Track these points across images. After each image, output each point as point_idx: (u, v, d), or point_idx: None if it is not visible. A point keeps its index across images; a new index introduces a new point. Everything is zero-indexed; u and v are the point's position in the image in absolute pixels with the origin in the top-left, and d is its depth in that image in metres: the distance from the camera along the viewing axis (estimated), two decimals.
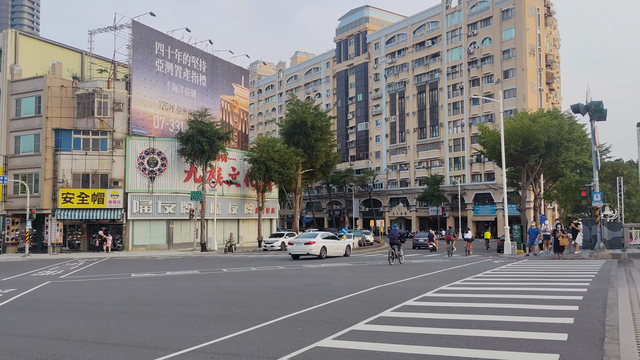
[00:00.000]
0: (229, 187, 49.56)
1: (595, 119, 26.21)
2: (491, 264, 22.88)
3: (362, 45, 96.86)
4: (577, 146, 45.42)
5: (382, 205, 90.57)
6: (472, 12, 78.98)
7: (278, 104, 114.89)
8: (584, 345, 6.72)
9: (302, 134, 52.58)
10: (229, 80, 55.47)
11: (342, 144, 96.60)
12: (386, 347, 6.94)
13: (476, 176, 78.10)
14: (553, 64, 78.60)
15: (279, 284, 15.17)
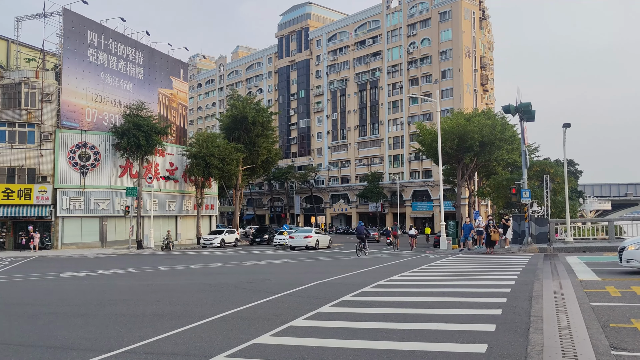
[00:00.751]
0: (166, 183, 48.29)
1: (525, 119, 27.53)
2: (427, 258, 23.55)
3: (304, 42, 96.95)
4: (509, 145, 47.45)
5: (324, 202, 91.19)
6: (412, 13, 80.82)
7: (218, 98, 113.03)
8: (510, 335, 7.03)
9: (242, 130, 52.00)
10: (167, 73, 53.96)
11: (283, 140, 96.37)
12: (323, 342, 6.98)
13: (414, 173, 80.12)
14: (487, 66, 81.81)
15: (218, 282, 14.94)
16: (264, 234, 49.64)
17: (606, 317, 7.86)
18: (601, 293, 10.32)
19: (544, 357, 5.78)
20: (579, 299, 9.51)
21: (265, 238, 48.60)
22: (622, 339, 6.46)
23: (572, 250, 24.33)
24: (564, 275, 13.68)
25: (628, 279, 12.21)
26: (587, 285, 11.60)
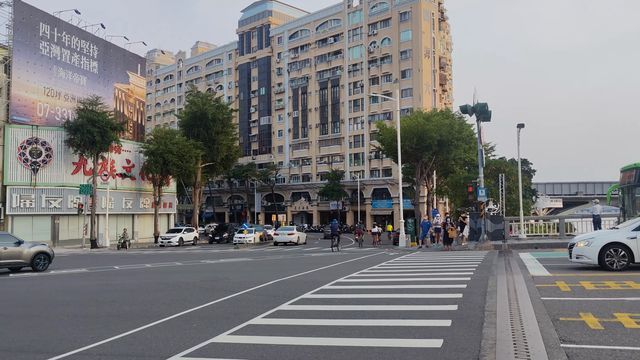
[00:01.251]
0: (123, 181, 47.13)
1: (481, 119, 28.15)
2: (387, 256, 23.82)
3: (265, 39, 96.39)
4: (466, 145, 48.57)
5: (285, 200, 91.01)
6: (373, 13, 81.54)
7: (177, 94, 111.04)
8: (465, 329, 7.19)
9: (202, 127, 51.29)
10: (123, 67, 52.62)
11: (244, 137, 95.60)
12: (282, 340, 6.96)
13: (375, 172, 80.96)
14: (446, 67, 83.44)
15: (176, 281, 14.69)
16: (224, 233, 49.26)
17: (556, 311, 8.14)
18: (552, 288, 10.69)
19: (496, 351, 5.94)
20: (531, 294, 9.82)
21: (225, 236, 48.22)
22: (570, 332, 6.71)
23: (525, 246, 25.10)
24: (517, 271, 14.09)
25: (577, 274, 12.69)
26: (539, 280, 11.99)
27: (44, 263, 20.51)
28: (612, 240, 13.13)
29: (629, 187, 19.20)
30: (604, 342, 6.17)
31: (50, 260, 21.05)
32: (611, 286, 10.45)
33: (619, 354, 5.69)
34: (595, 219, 25.02)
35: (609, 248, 13.04)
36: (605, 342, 6.19)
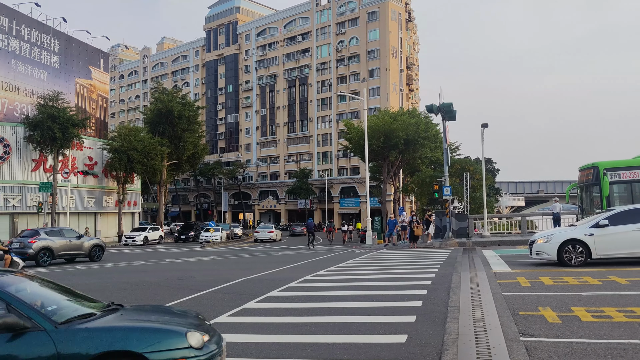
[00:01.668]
0: (85, 178, 45.89)
1: (447, 119, 28.61)
2: (353, 253, 23.98)
3: (233, 36, 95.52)
4: (432, 144, 49.29)
5: (252, 198, 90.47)
6: (341, 12, 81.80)
7: (142, 91, 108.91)
8: (429, 325, 7.31)
9: (168, 124, 50.48)
10: (85, 62, 51.29)
11: (211, 135, 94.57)
12: (248, 337, 6.93)
13: (342, 170, 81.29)
14: (413, 67, 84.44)
15: (139, 280, 14.43)
16: (190, 231, 48.65)
17: (516, 305, 8.35)
18: (512, 284, 10.96)
19: (459, 345, 6.05)
20: (493, 290, 10.04)
21: (191, 235, 47.61)
22: (529, 326, 6.89)
23: (488, 244, 25.63)
24: (480, 267, 14.39)
25: (537, 270, 13.04)
26: (500, 276, 12.27)
27: (99, 254, 23.89)
28: (570, 237, 13.53)
29: (586, 186, 19.81)
30: (561, 335, 6.36)
31: (103, 252, 24.40)
32: (569, 281, 10.78)
33: (575, 346, 5.88)
34: (555, 216, 25.75)
35: (568, 245, 13.44)
36: (562, 335, 6.39)
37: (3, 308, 4.25)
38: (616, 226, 13.12)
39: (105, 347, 4.12)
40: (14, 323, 4.09)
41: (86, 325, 4.35)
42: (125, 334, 4.27)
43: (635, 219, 13.14)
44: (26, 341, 4.11)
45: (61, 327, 4.24)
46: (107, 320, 4.54)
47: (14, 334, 4.11)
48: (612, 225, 13.13)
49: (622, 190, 18.77)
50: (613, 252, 13.22)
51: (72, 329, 4.26)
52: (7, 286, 4.48)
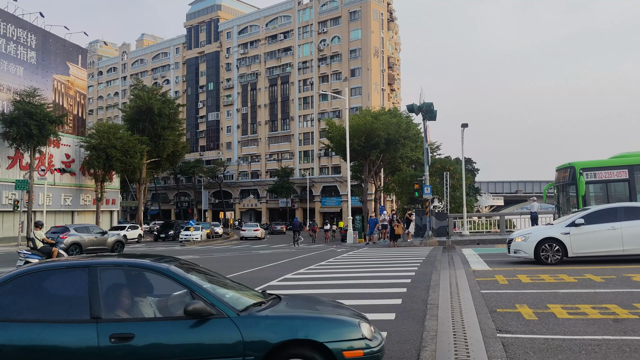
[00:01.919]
0: (62, 176, 45.13)
1: (427, 118, 28.85)
2: (334, 252, 24.02)
3: (214, 34, 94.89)
4: (413, 143, 49.60)
5: (233, 197, 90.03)
6: (323, 11, 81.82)
7: (122, 88, 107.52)
8: (409, 322, 7.36)
9: (147, 121, 49.92)
10: (63, 58, 50.44)
11: (191, 133, 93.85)
12: None
13: (324, 169, 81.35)
14: (394, 66, 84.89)
15: None
16: (170, 230, 48.22)
17: (494, 303, 8.45)
18: (491, 281, 11.08)
19: (437, 342, 6.11)
20: (471, 287, 10.14)
21: (171, 234, 47.18)
22: (507, 323, 6.98)
23: (468, 242, 25.88)
24: (459, 265, 14.52)
25: (514, 268, 13.22)
26: (479, 274, 12.41)
27: (119, 249, 26.14)
28: (547, 235, 13.74)
29: (563, 185, 20.12)
30: (537, 332, 6.45)
31: (124, 247, 26.75)
32: (546, 279, 10.94)
33: (551, 342, 5.97)
34: (532, 215, 26.13)
35: (544, 243, 13.64)
36: (538, 331, 6.48)
37: (187, 295, 4.32)
38: (591, 225, 13.36)
39: (289, 335, 4.14)
40: (201, 309, 4.12)
41: (265, 313, 4.37)
42: (305, 322, 4.29)
43: (609, 218, 13.39)
44: (212, 327, 4.15)
45: (242, 314, 4.26)
46: (280, 309, 4.56)
47: (198, 320, 4.15)
48: (587, 224, 13.36)
49: (598, 190, 19.11)
50: (588, 250, 13.46)
51: (254, 316, 4.29)
52: (185, 274, 4.50)
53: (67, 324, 4.10)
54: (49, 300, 4.40)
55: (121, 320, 4.19)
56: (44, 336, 4.02)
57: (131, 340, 4.02)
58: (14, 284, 4.34)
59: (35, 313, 4.22)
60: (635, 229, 13.14)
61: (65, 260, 4.79)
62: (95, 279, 4.31)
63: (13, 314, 4.20)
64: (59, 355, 3.98)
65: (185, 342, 4.08)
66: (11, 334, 4.02)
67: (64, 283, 4.48)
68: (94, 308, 4.16)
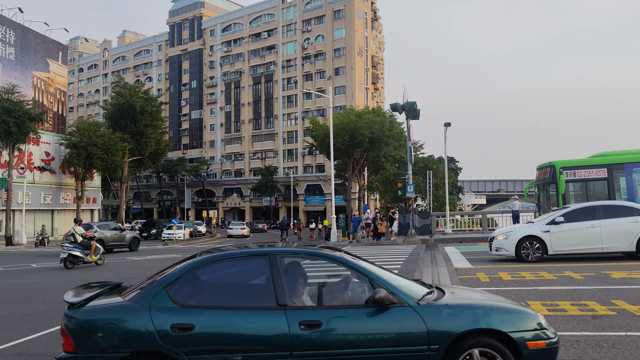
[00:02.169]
0: (41, 174, 44.43)
1: (411, 117, 29.01)
2: None
3: (197, 31, 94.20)
4: (396, 142, 49.81)
5: (216, 196, 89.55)
6: (307, 9, 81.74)
7: (103, 85, 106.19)
8: None
9: (129, 119, 49.38)
10: (43, 55, 49.68)
11: (174, 131, 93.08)
12: None
13: (308, 168, 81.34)
14: (378, 65, 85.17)
15: (98, 278, 14.08)
16: (152, 229, 47.82)
17: None
18: (472, 279, 11.20)
19: None
20: (453, 285, 10.24)
21: (153, 233, 46.79)
22: None
23: (450, 241, 26.10)
24: (442, 263, 14.64)
25: (496, 266, 13.37)
26: (461, 272, 12.53)
27: (135, 245, 28.02)
28: (527, 233, 13.92)
29: (543, 184, 20.39)
30: None
31: (139, 243, 28.83)
32: (526, 276, 11.09)
33: None
34: (514, 214, 26.45)
35: (525, 241, 13.82)
36: None
37: (366, 283, 4.33)
38: (571, 223, 13.56)
39: (471, 324, 4.06)
40: (385, 298, 4.09)
41: (444, 302, 4.30)
42: (486, 311, 4.19)
43: (588, 216, 13.62)
44: (394, 316, 4.12)
45: (422, 303, 4.21)
46: (455, 298, 4.48)
47: (379, 308, 4.12)
48: (567, 223, 13.56)
49: (577, 188, 19.40)
50: (568, 248, 13.67)
51: (435, 305, 4.22)
52: (361, 263, 4.53)
53: (256, 311, 4.14)
54: (234, 287, 4.53)
55: (307, 307, 4.26)
56: (236, 322, 4.07)
57: (319, 327, 4.04)
58: (199, 272, 4.40)
59: (223, 300, 4.29)
60: (614, 227, 13.38)
61: (245, 248, 4.87)
62: (276, 266, 4.35)
63: (203, 301, 4.25)
64: (252, 341, 4.03)
65: (369, 331, 4.07)
66: (205, 320, 4.05)
67: (246, 270, 4.58)
68: (279, 295, 4.19)
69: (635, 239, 13.39)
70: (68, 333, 4.05)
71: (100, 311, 4.16)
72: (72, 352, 4.01)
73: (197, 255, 4.63)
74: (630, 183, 18.58)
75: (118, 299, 4.28)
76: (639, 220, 13.44)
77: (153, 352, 3.97)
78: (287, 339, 4.00)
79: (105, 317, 4.08)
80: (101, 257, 19.04)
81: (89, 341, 3.99)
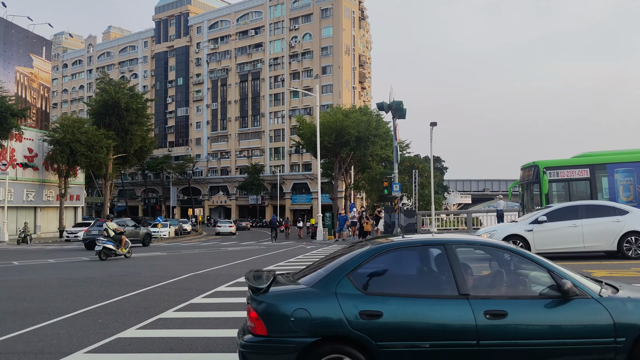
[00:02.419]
0: (24, 171, 43.83)
1: (397, 117, 29.15)
2: (304, 249, 24.07)
3: (184, 28, 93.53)
4: (383, 141, 49.97)
5: (202, 194, 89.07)
6: (294, 7, 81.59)
7: (87, 81, 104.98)
8: None
9: (114, 116, 48.87)
10: (26, 50, 48.98)
11: (160, 128, 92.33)
12: (194, 332, 6.83)
13: (295, 166, 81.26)
14: (365, 65, 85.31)
15: (82, 276, 13.94)
16: None
17: None
18: None
19: None
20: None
21: None
22: None
23: None
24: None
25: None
26: None
27: (148, 241, 29.94)
28: (511, 232, 14.05)
29: (527, 184, 20.60)
30: None
31: (151, 239, 30.88)
32: None
33: None
34: (498, 213, 26.72)
35: (509, 240, 13.91)
36: None
37: (545, 275, 4.33)
38: (554, 222, 13.73)
39: None
40: (570, 289, 4.09)
41: (626, 295, 4.27)
42: None
43: (571, 215, 13.79)
44: (578, 308, 4.11)
45: (603, 295, 4.19)
46: (631, 292, 4.42)
47: (561, 299, 4.12)
48: (550, 222, 13.72)
49: (560, 188, 19.63)
50: (550, 247, 13.83)
51: (618, 299, 4.19)
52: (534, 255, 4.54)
53: (440, 300, 4.17)
54: (414, 276, 4.57)
55: (490, 297, 4.23)
56: (422, 311, 4.10)
57: (505, 317, 4.04)
58: (377, 260, 4.45)
59: (405, 288, 4.34)
60: (595, 226, 13.57)
61: (419, 238, 4.94)
62: (453, 256, 4.37)
63: (386, 289, 4.29)
64: (439, 329, 4.05)
65: (553, 322, 4.07)
66: (392, 308, 4.10)
67: (424, 259, 4.62)
68: (460, 284, 4.22)
69: (616, 239, 13.59)
70: (260, 317, 4.14)
71: (289, 296, 4.27)
72: (264, 335, 4.11)
73: (366, 245, 4.70)
74: (612, 183, 18.84)
75: (298, 286, 4.39)
76: (620, 220, 13.65)
77: (343, 337, 4.05)
78: (473, 328, 4.02)
79: (296, 302, 4.18)
80: (130, 251, 20.49)
81: (280, 325, 4.09)
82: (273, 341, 4.08)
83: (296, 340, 4.04)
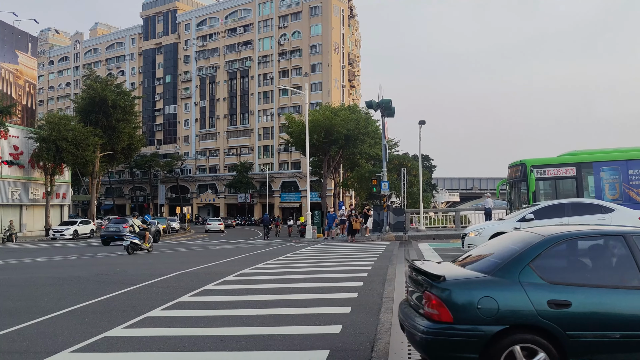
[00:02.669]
0: (9, 169, 43.31)
1: (386, 115, 29.13)
2: (292, 247, 24.02)
3: (172, 25, 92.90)
4: (372, 139, 50.06)
5: (190, 192, 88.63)
6: (283, 5, 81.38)
7: (74, 78, 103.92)
8: (364, 315, 7.44)
9: (101, 113, 48.47)
10: (12, 46, 48.34)
11: (147, 126, 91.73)
12: (181, 331, 6.78)
13: (284, 164, 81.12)
14: (354, 63, 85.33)
15: (68, 275, 13.79)
16: None
17: None
18: None
19: (391, 334, 6.21)
20: None
21: None
22: None
23: (424, 237, 26.38)
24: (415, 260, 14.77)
25: None
26: None
27: (158, 237, 31.50)
28: (499, 230, 14.10)
29: (515, 182, 20.71)
30: None
31: (160, 235, 33.32)
32: None
33: None
34: (486, 211, 26.85)
35: None
36: None
37: None
38: (540, 220, 13.79)
39: None
40: None
41: None
42: None
43: (557, 213, 13.90)
44: None
45: None
46: None
47: None
48: (537, 220, 13.80)
49: (547, 186, 19.78)
50: None
51: None
52: None
53: (626, 290, 4.22)
54: (597, 266, 4.59)
55: None
56: (610, 301, 4.13)
57: None
58: (555, 250, 4.49)
59: (590, 278, 4.37)
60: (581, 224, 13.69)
61: (596, 228, 5.00)
62: (635, 247, 4.41)
63: (570, 278, 4.31)
64: (629, 320, 4.09)
65: None
66: (581, 298, 4.12)
67: (603, 249, 4.66)
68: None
69: None
70: (445, 305, 4.15)
71: (472, 284, 4.28)
72: (449, 322, 4.13)
73: (539, 234, 4.70)
74: (598, 181, 19.02)
75: (477, 274, 4.40)
76: (606, 217, 13.78)
77: (531, 326, 4.08)
78: None
79: (481, 290, 4.20)
80: (152, 246, 22.12)
81: (467, 312, 4.12)
82: (460, 328, 4.11)
83: (484, 327, 4.08)
